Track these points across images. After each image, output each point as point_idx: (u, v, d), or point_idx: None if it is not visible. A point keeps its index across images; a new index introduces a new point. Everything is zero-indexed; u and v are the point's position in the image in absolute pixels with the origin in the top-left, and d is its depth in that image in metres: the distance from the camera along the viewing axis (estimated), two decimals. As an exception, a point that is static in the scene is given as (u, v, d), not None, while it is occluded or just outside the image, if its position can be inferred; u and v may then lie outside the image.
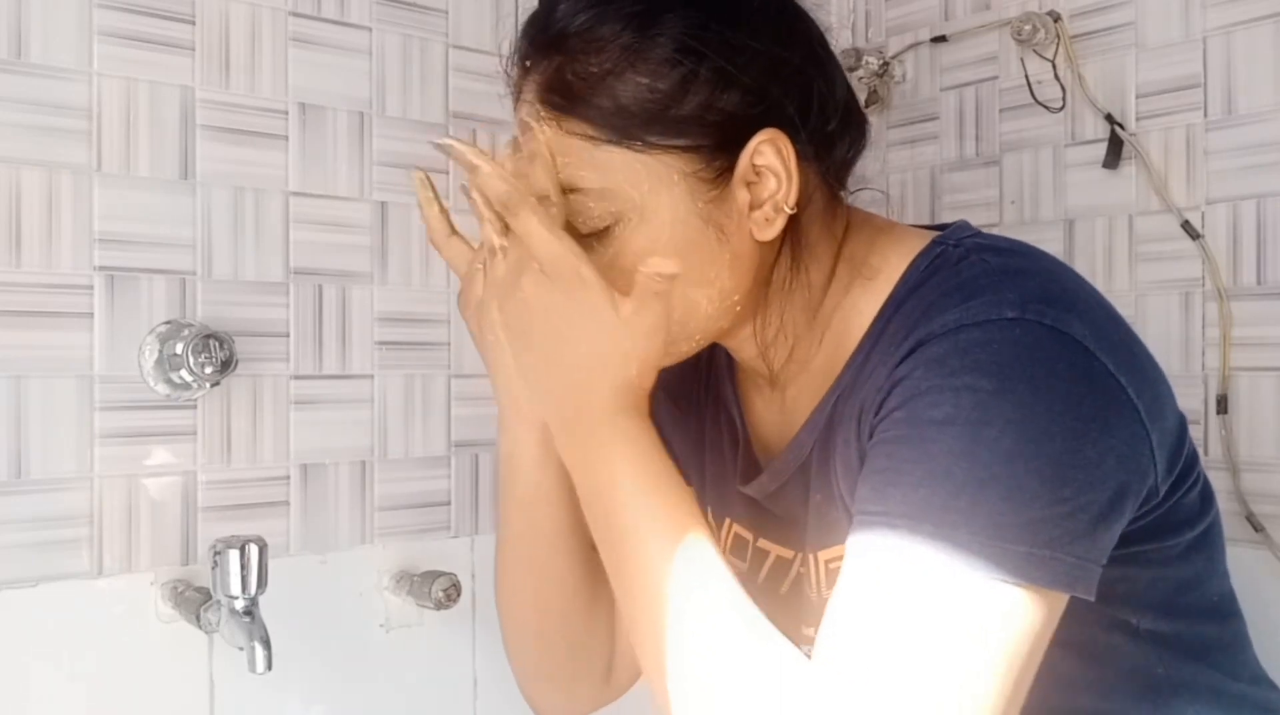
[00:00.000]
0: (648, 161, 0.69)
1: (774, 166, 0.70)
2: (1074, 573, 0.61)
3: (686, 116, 0.69)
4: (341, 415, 1.16)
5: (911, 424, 0.63)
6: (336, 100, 1.16)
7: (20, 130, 0.98)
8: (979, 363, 0.62)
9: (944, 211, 1.44)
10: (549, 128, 0.71)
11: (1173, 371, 1.21)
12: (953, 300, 0.66)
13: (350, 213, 1.16)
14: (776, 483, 0.79)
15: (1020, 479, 0.60)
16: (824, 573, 0.76)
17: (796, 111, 0.71)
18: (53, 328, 1.00)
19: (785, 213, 0.71)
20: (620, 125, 0.69)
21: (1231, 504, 1.16)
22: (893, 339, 0.68)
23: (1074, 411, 0.62)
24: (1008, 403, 0.61)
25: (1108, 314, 0.69)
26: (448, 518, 1.22)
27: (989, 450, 0.60)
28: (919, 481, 0.61)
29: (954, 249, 0.71)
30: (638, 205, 0.70)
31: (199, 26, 1.08)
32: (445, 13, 1.22)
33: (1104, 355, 0.64)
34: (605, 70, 0.69)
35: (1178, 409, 0.72)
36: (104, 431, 1.02)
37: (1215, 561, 0.79)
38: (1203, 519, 0.76)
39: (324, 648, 1.13)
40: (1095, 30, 1.28)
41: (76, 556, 1.01)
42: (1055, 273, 0.70)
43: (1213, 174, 1.19)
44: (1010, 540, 0.59)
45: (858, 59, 1.48)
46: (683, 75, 0.69)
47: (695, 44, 0.69)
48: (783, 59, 0.71)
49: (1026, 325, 0.63)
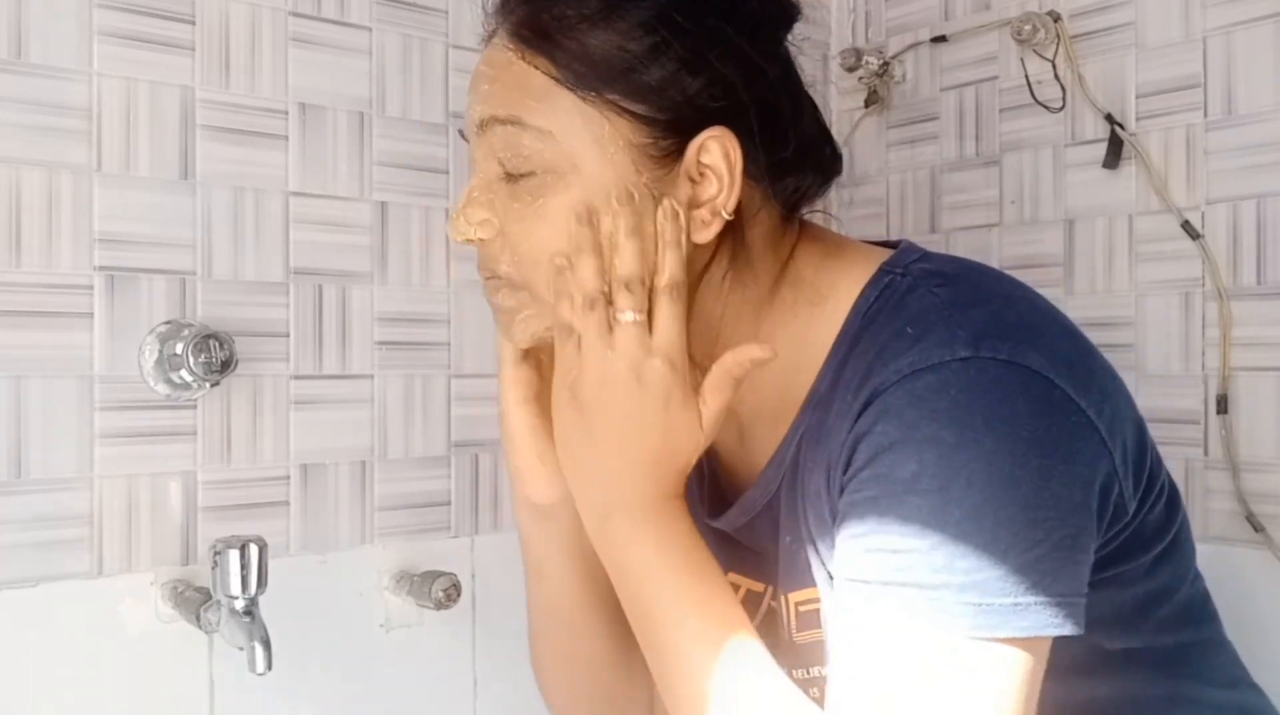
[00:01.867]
0: (597, 117, 0.69)
1: (718, 168, 0.70)
2: (1061, 612, 0.61)
3: (648, 84, 0.68)
4: (341, 415, 1.16)
5: (880, 483, 0.63)
6: (336, 100, 1.16)
7: (20, 130, 0.98)
8: (937, 412, 0.62)
9: (944, 212, 1.44)
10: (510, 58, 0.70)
11: (1173, 371, 1.21)
12: (904, 341, 0.65)
13: (350, 213, 1.16)
14: (745, 518, 0.79)
15: (993, 532, 0.60)
16: (795, 615, 0.76)
17: (756, 122, 0.70)
18: (53, 328, 1.00)
19: (722, 218, 0.70)
20: (581, 72, 0.68)
21: (1231, 504, 1.16)
22: (850, 383, 0.68)
23: (1037, 449, 0.62)
24: (970, 454, 0.61)
25: (1061, 329, 0.69)
26: (448, 518, 1.22)
27: (959, 507, 0.60)
28: (896, 548, 0.61)
29: (901, 278, 0.71)
30: (574, 157, 0.69)
31: (199, 26, 1.08)
32: (445, 13, 1.22)
33: (1063, 380, 0.64)
34: (581, 17, 0.69)
35: (1136, 415, 0.72)
36: (104, 431, 1.02)
37: (1184, 569, 0.78)
38: (1169, 530, 0.75)
39: (324, 648, 1.13)
40: (1095, 30, 1.28)
41: (76, 556, 1.01)
42: (1005, 297, 0.69)
43: (1213, 174, 1.19)
44: (994, 594, 0.60)
45: (858, 59, 1.48)
46: (655, 43, 0.68)
47: (678, 18, 0.68)
48: (757, 68, 0.71)
49: (982, 363, 0.63)
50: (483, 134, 0.72)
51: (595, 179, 0.69)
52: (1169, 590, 0.76)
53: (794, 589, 0.76)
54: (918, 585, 0.60)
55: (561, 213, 0.69)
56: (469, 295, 1.23)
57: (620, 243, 0.69)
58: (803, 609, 0.75)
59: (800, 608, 0.75)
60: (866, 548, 0.63)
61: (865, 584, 0.63)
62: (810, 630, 0.75)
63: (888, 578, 0.61)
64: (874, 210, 1.52)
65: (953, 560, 0.60)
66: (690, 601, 0.68)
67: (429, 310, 1.21)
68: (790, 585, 0.76)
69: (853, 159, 1.56)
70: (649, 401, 0.69)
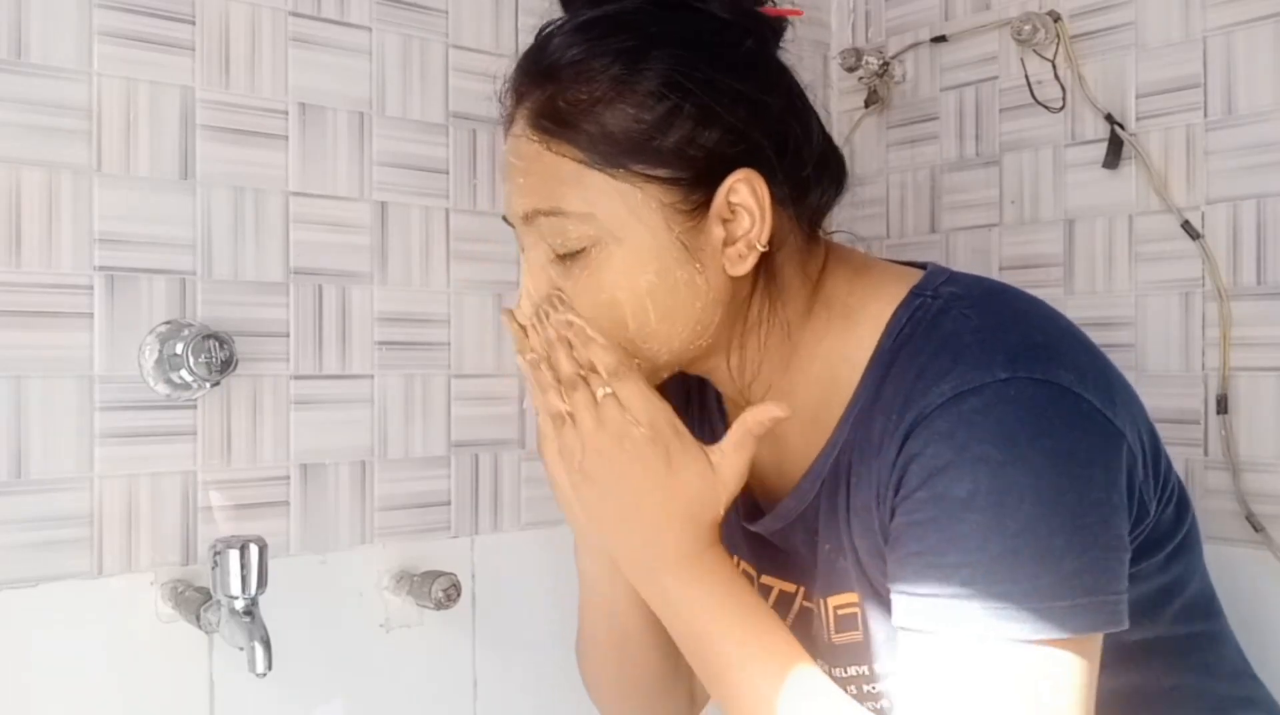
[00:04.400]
0: (629, 189, 0.72)
1: (748, 205, 0.73)
2: (1113, 609, 0.66)
3: (669, 149, 0.72)
4: (341, 415, 1.16)
5: (936, 504, 0.67)
6: (336, 100, 1.16)
7: (20, 130, 0.98)
8: (986, 432, 0.66)
9: (944, 212, 1.44)
10: (539, 150, 0.74)
11: (1173, 371, 1.22)
12: (943, 363, 0.69)
13: (350, 213, 1.16)
14: (781, 524, 0.83)
15: (1048, 540, 0.64)
16: (833, 618, 0.80)
17: (774, 154, 0.74)
18: (53, 328, 1.00)
19: (758, 250, 0.74)
20: (605, 151, 0.72)
21: (1231, 504, 1.16)
22: (893, 403, 0.71)
23: (1077, 459, 0.66)
24: (1020, 469, 0.65)
25: (1081, 346, 0.73)
26: (448, 518, 1.22)
27: (1014, 519, 0.64)
28: (959, 562, 0.65)
29: (932, 301, 0.74)
30: (615, 231, 0.73)
31: (199, 26, 1.07)
32: (445, 13, 1.22)
33: (1089, 393, 0.68)
34: (595, 98, 0.72)
35: (1148, 421, 0.76)
36: (104, 431, 1.02)
37: (1194, 565, 0.82)
38: (1180, 529, 0.79)
39: (324, 648, 1.13)
40: (1095, 30, 1.28)
41: (76, 556, 1.01)
42: (1029, 317, 0.73)
43: (1213, 174, 1.19)
44: (1052, 598, 0.64)
45: (858, 59, 1.48)
46: (668, 109, 0.72)
47: (682, 81, 0.72)
48: (763, 104, 0.74)
49: (1020, 383, 0.67)
50: (529, 224, 0.76)
51: (636, 245, 0.73)
52: (1181, 583, 0.80)
53: (832, 593, 0.79)
54: (981, 596, 0.64)
55: (611, 282, 0.74)
56: (469, 295, 1.23)
57: (588, 335, 0.74)
58: (841, 612, 0.79)
59: (839, 611, 0.79)
60: (927, 564, 0.66)
61: (931, 598, 0.66)
62: (848, 632, 0.79)
63: (953, 591, 0.65)
64: (874, 210, 1.52)
65: (1014, 570, 0.64)
66: (747, 643, 0.73)
67: (429, 310, 1.21)
68: (828, 590, 0.79)
69: (853, 159, 1.56)
70: (648, 465, 0.74)
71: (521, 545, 1.25)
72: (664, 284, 0.74)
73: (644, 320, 0.75)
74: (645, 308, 0.74)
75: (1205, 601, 0.83)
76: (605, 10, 0.75)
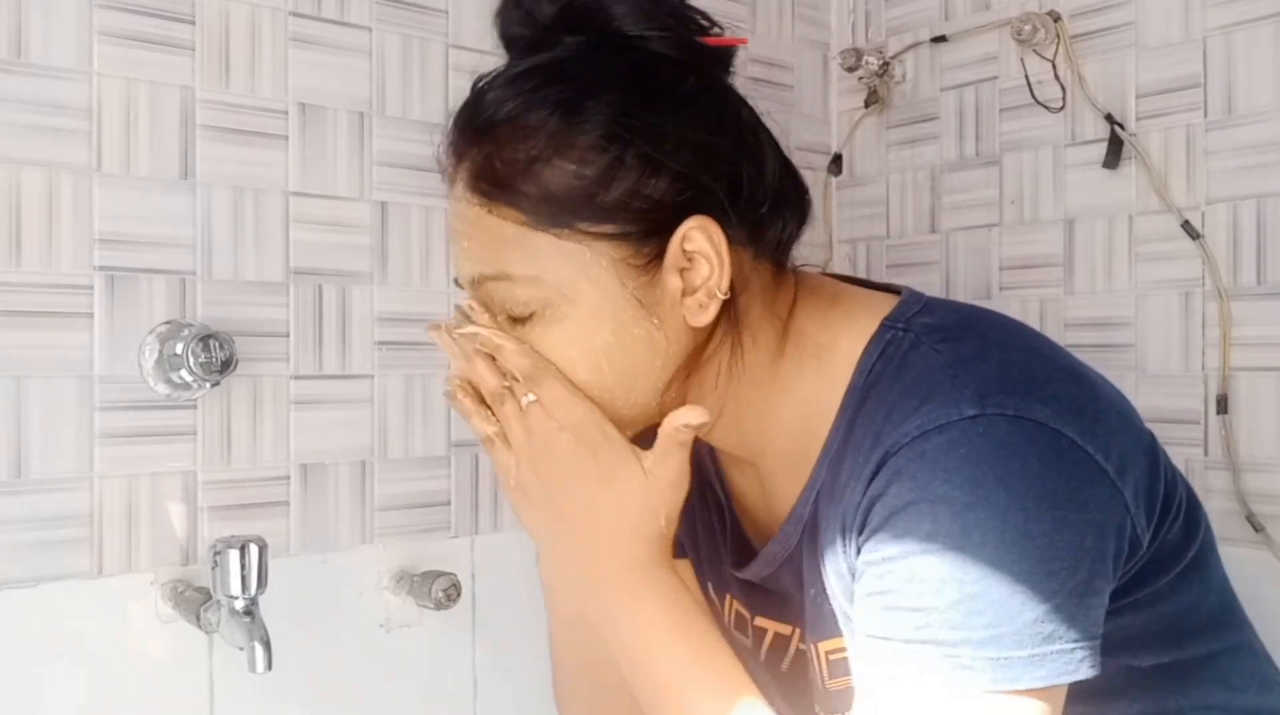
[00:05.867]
0: (576, 248, 0.69)
1: (705, 251, 0.70)
2: (1076, 658, 0.63)
3: (613, 203, 0.69)
4: (341, 415, 1.16)
5: (896, 544, 0.64)
6: (336, 100, 1.16)
7: (20, 130, 0.98)
8: (949, 472, 0.63)
9: (944, 212, 1.44)
10: (480, 214, 0.71)
11: (1173, 371, 1.22)
12: (911, 401, 0.66)
13: (350, 213, 1.16)
14: (769, 569, 0.81)
15: (1010, 586, 0.62)
16: (826, 663, 0.78)
17: (726, 197, 0.71)
18: (53, 328, 1.00)
19: (719, 298, 0.71)
20: (548, 212, 0.69)
21: (1231, 504, 1.16)
22: (861, 443, 0.69)
23: (1048, 501, 0.63)
24: (984, 512, 0.62)
25: (1065, 374, 0.69)
26: (448, 518, 1.22)
27: (974, 565, 0.62)
28: (915, 607, 0.63)
29: (904, 334, 0.71)
30: (566, 292, 0.70)
31: (199, 26, 1.08)
32: (445, 13, 1.22)
33: (1069, 428, 0.64)
34: (532, 157, 0.69)
35: (1146, 441, 0.72)
36: (104, 431, 1.02)
37: (1209, 580, 0.78)
38: (1190, 546, 0.75)
39: (324, 648, 1.13)
40: (1095, 30, 1.28)
41: (76, 556, 1.01)
42: (1005, 348, 0.70)
43: (1213, 174, 1.19)
44: (1011, 647, 0.61)
45: (858, 59, 1.48)
46: (609, 161, 0.68)
47: (621, 131, 0.68)
48: (711, 145, 0.71)
49: (989, 421, 0.64)
50: (477, 288, 0.74)
51: (589, 305, 0.70)
52: (1197, 604, 0.77)
53: (823, 638, 0.77)
54: (936, 642, 0.62)
55: (566, 344, 0.71)
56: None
57: (496, 343, 0.72)
58: (833, 658, 0.77)
59: (830, 657, 0.77)
60: (885, 606, 0.65)
61: (886, 641, 0.64)
62: (840, 678, 0.77)
63: (907, 635, 0.63)
64: (874, 210, 1.52)
65: (970, 617, 0.62)
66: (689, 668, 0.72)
67: (429, 310, 1.21)
68: (819, 634, 0.78)
69: (853, 159, 1.56)
70: (577, 470, 0.72)
71: (522, 545, 1.25)
72: (621, 343, 0.71)
73: (603, 381, 0.72)
74: (602, 368, 0.71)
75: (1226, 616, 0.79)
76: (539, 60, 0.72)
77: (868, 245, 1.53)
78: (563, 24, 0.73)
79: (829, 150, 1.58)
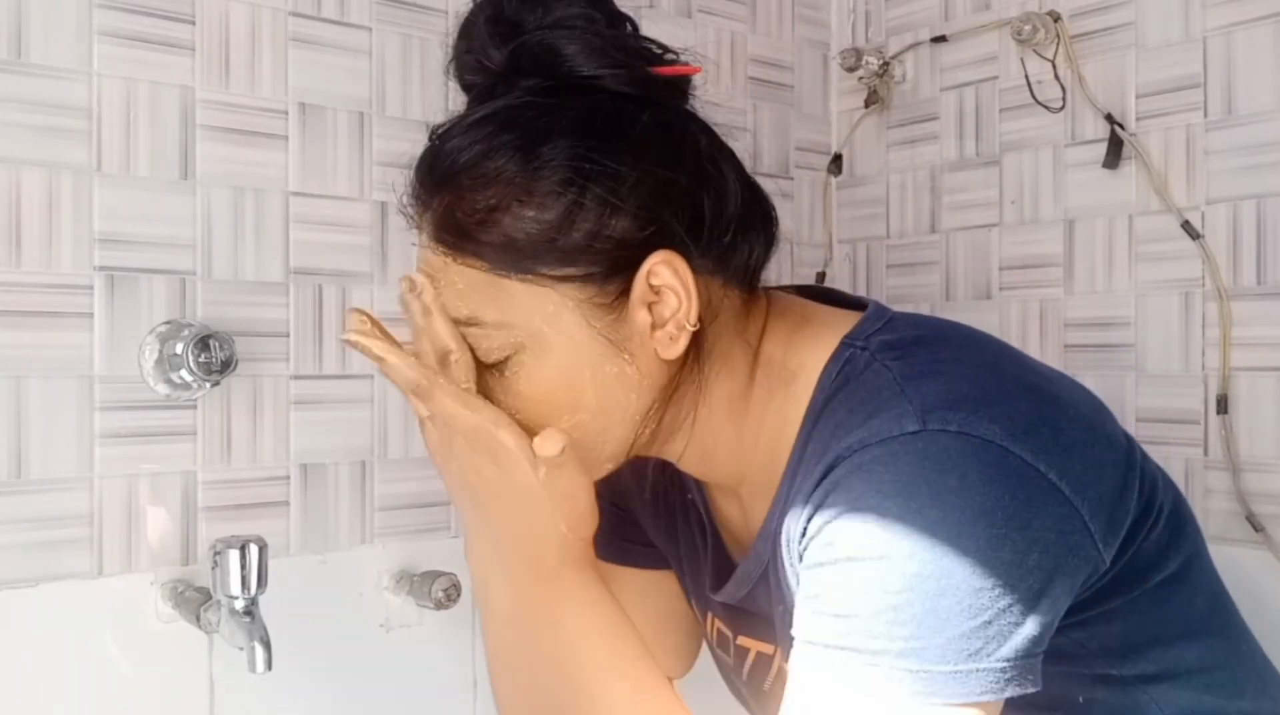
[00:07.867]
0: (542, 292, 0.70)
1: (672, 285, 0.70)
2: (1004, 678, 0.62)
3: (575, 245, 0.69)
4: (341, 415, 1.16)
5: (826, 551, 0.65)
6: (336, 100, 1.16)
7: (20, 130, 0.98)
8: (883, 484, 0.63)
9: (944, 212, 1.44)
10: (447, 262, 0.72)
11: (1172, 371, 1.22)
12: (858, 417, 0.67)
13: (350, 213, 1.16)
14: (745, 589, 0.81)
15: (934, 600, 0.61)
16: None
17: (688, 230, 0.71)
18: (53, 328, 1.00)
19: (689, 330, 0.71)
20: (511, 259, 0.69)
21: (1231, 504, 1.16)
22: (811, 458, 0.70)
23: (985, 519, 0.62)
24: (913, 524, 0.62)
25: (1023, 389, 0.68)
26: (448, 518, 1.22)
27: (899, 576, 0.61)
28: (838, 613, 0.63)
29: (861, 352, 0.72)
30: (537, 335, 0.71)
31: (199, 26, 1.08)
32: (445, 13, 1.22)
33: (1018, 446, 0.63)
34: (491, 206, 0.69)
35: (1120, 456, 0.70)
36: (104, 431, 1.02)
37: (1196, 586, 0.77)
38: (1173, 553, 0.74)
39: (324, 648, 1.13)
40: (1095, 30, 1.28)
41: (76, 556, 1.01)
42: (959, 364, 0.69)
43: (1213, 174, 1.19)
44: (931, 661, 0.61)
45: (858, 59, 1.49)
46: (568, 205, 0.69)
47: (577, 175, 0.69)
48: (668, 180, 0.71)
49: (930, 436, 0.63)
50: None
51: (559, 347, 0.71)
52: (1183, 611, 0.75)
53: None
54: (856, 650, 0.62)
55: (541, 385, 0.72)
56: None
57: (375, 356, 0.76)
58: None
59: None
60: (814, 610, 0.65)
61: (810, 645, 0.65)
62: None
63: (829, 641, 0.63)
64: (874, 210, 1.52)
65: (890, 628, 0.61)
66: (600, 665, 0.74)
67: (429, 310, 1.21)
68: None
69: (853, 159, 1.56)
70: (483, 471, 0.73)
71: (521, 545, 1.25)
72: (594, 381, 0.71)
73: (581, 419, 0.72)
74: (579, 407, 0.72)
75: (1216, 622, 0.78)
76: (494, 107, 0.72)
77: (868, 245, 1.53)
78: (515, 68, 0.73)
79: (829, 150, 1.58)
